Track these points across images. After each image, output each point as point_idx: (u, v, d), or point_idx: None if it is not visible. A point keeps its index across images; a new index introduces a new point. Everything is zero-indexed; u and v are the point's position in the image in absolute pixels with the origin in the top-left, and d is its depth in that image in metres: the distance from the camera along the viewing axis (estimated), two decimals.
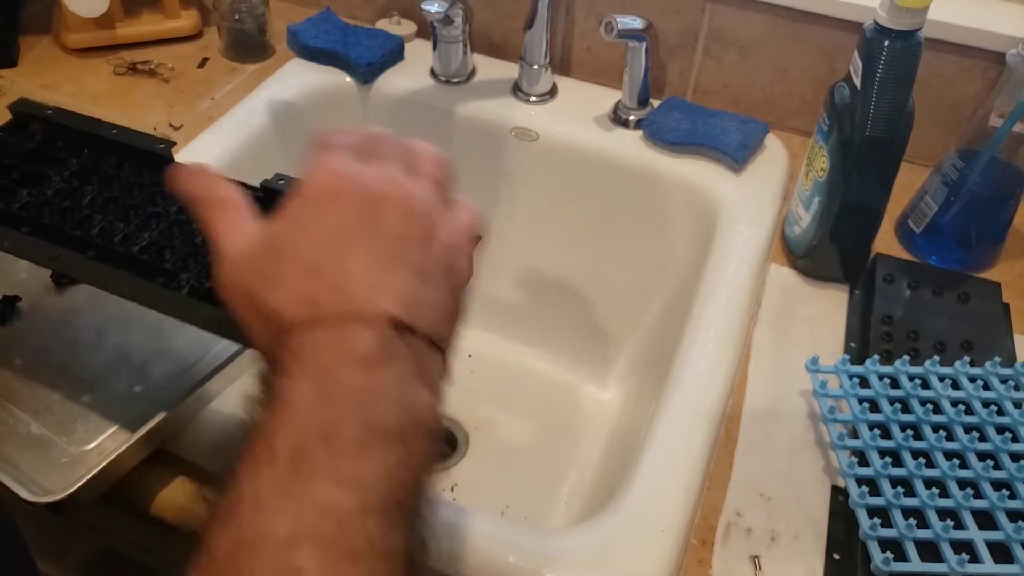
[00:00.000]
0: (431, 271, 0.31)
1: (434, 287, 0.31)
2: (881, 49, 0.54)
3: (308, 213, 0.31)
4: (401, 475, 0.27)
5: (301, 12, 0.89)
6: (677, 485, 0.49)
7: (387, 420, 0.28)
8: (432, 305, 0.31)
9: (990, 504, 0.47)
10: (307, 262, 0.30)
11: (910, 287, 0.62)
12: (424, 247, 0.31)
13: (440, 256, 0.32)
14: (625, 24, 0.70)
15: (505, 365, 0.87)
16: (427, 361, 0.30)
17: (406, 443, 0.28)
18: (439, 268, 0.32)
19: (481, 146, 0.80)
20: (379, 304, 0.29)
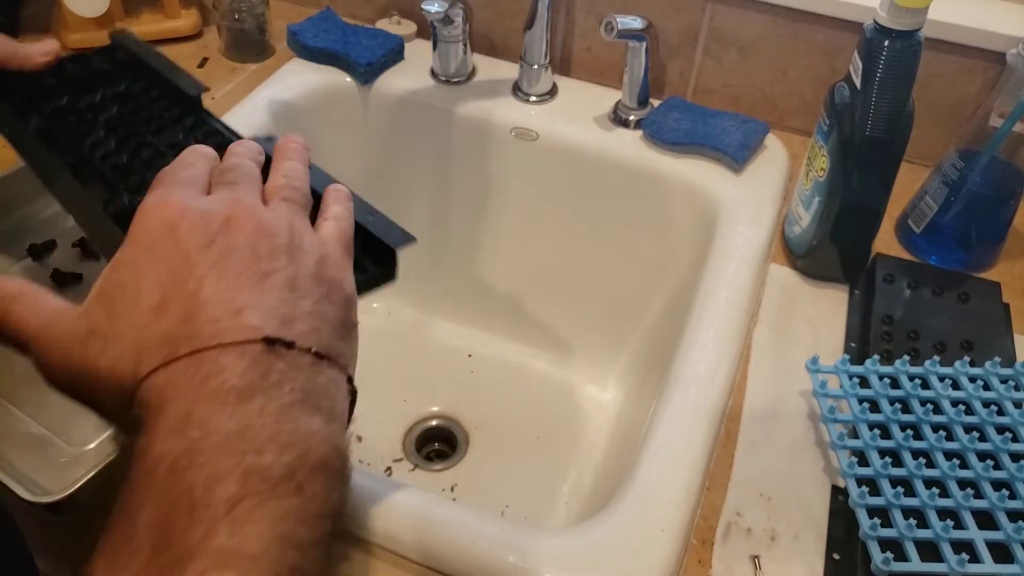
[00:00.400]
0: (301, 282, 0.29)
1: (310, 297, 0.29)
2: (881, 49, 0.54)
3: (144, 253, 0.28)
4: (298, 533, 0.24)
5: (301, 12, 0.90)
6: (677, 485, 0.49)
7: (270, 464, 0.24)
8: (311, 315, 0.28)
9: (990, 504, 0.47)
10: (152, 302, 0.27)
11: (910, 287, 0.62)
12: (287, 259, 0.29)
13: (309, 266, 0.30)
14: (625, 24, 0.70)
15: (505, 365, 0.87)
16: (317, 379, 0.27)
17: (300, 490, 0.24)
18: (310, 279, 0.30)
19: (481, 146, 0.80)
20: (245, 322, 0.26)
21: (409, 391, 0.84)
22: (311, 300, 0.29)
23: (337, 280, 0.31)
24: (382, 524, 0.47)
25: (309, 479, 0.25)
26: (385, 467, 0.77)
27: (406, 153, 0.85)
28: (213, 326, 0.26)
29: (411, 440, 0.80)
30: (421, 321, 0.92)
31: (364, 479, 0.50)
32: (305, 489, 0.24)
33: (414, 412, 0.82)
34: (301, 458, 0.25)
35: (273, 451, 0.24)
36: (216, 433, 0.24)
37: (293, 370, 0.26)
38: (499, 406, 0.83)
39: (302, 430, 0.25)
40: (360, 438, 0.79)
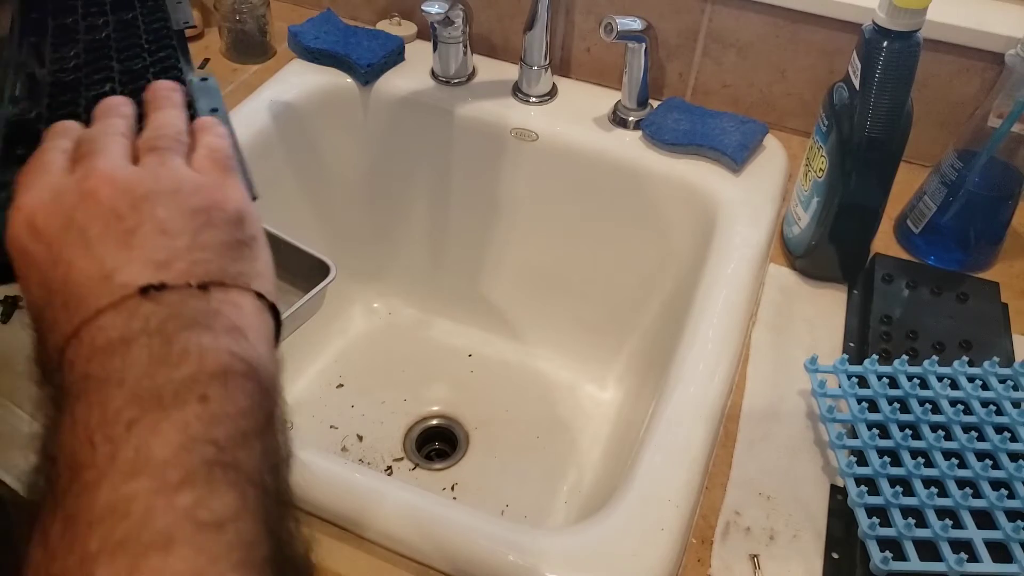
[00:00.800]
0: (172, 223, 0.29)
1: (186, 234, 0.29)
2: (880, 50, 0.54)
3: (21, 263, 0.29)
4: (211, 433, 0.24)
5: (302, 13, 0.90)
6: (676, 484, 0.49)
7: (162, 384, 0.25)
8: (189, 251, 0.28)
9: (989, 503, 0.47)
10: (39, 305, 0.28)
11: (909, 287, 0.62)
12: (152, 206, 0.29)
13: (181, 204, 0.30)
14: (624, 25, 0.70)
15: (505, 365, 0.87)
16: (208, 306, 0.27)
17: (204, 399, 0.25)
18: (184, 215, 0.29)
19: (481, 147, 0.81)
20: (116, 283, 0.27)
21: (409, 391, 0.84)
22: (187, 236, 0.29)
23: (217, 203, 0.31)
24: (382, 524, 0.48)
25: (211, 386, 0.25)
26: (385, 466, 0.77)
27: (406, 154, 0.85)
28: (88, 299, 0.27)
29: (411, 439, 0.80)
30: (421, 321, 0.92)
31: (364, 479, 0.51)
32: (210, 396, 0.25)
33: (414, 411, 0.82)
34: (196, 371, 0.25)
35: (163, 372, 0.25)
36: (107, 379, 0.25)
37: (175, 306, 0.27)
38: (499, 406, 0.83)
39: (193, 347, 0.26)
40: (361, 437, 0.80)
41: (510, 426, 0.81)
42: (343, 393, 0.83)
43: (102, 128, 0.33)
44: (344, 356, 0.87)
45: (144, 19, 0.49)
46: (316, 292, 0.50)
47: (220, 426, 0.25)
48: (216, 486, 0.24)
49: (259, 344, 0.28)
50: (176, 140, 0.33)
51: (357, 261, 0.88)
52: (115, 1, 0.50)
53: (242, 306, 0.29)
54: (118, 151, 0.32)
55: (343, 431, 0.80)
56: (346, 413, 0.82)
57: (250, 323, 0.28)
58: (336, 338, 0.88)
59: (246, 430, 0.26)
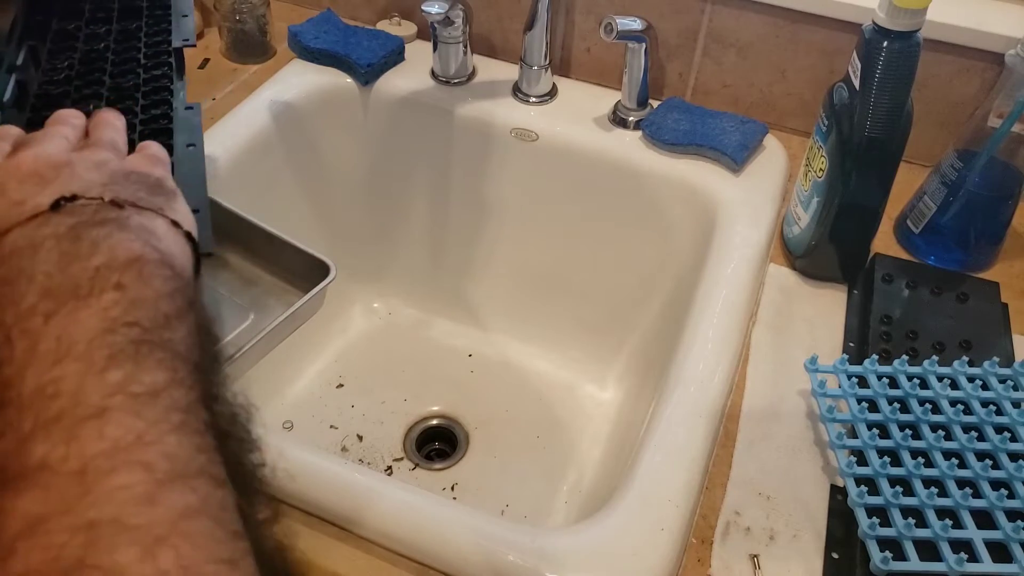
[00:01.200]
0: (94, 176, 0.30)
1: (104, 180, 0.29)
2: (880, 50, 0.54)
3: None
4: (132, 314, 0.25)
5: (302, 13, 0.90)
6: (676, 484, 0.49)
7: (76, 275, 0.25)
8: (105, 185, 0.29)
9: (989, 503, 0.47)
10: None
11: (909, 287, 0.62)
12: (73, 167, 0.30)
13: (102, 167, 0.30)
14: (624, 25, 0.70)
15: (505, 365, 0.87)
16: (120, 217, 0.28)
17: (120, 286, 0.25)
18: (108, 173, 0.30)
19: (481, 147, 0.81)
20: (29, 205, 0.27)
21: (409, 391, 0.84)
22: (105, 178, 0.29)
23: (141, 173, 0.31)
24: (382, 524, 0.48)
25: (125, 274, 0.25)
26: (385, 466, 0.77)
27: (406, 154, 0.85)
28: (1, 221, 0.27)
29: (411, 439, 0.80)
30: (421, 321, 0.92)
31: (364, 478, 0.51)
32: (125, 283, 0.25)
33: (414, 412, 0.82)
34: (109, 260, 0.25)
35: (75, 265, 0.25)
36: (16, 279, 0.25)
37: (87, 214, 0.27)
38: (499, 406, 0.83)
39: (103, 241, 0.26)
40: (361, 437, 0.80)
41: (510, 426, 0.81)
42: (343, 393, 0.84)
43: (45, 130, 0.33)
44: (344, 356, 0.87)
45: (147, 31, 0.48)
46: (316, 292, 0.50)
47: (140, 309, 0.25)
48: (144, 362, 0.24)
49: (172, 248, 0.28)
50: (111, 145, 0.33)
51: (357, 261, 0.88)
52: (123, 8, 0.49)
53: (156, 225, 0.29)
54: (54, 143, 0.32)
55: (343, 431, 0.80)
56: (346, 413, 0.82)
57: (162, 233, 0.28)
58: (336, 338, 0.88)
59: (168, 312, 0.26)
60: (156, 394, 0.23)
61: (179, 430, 0.23)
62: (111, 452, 0.22)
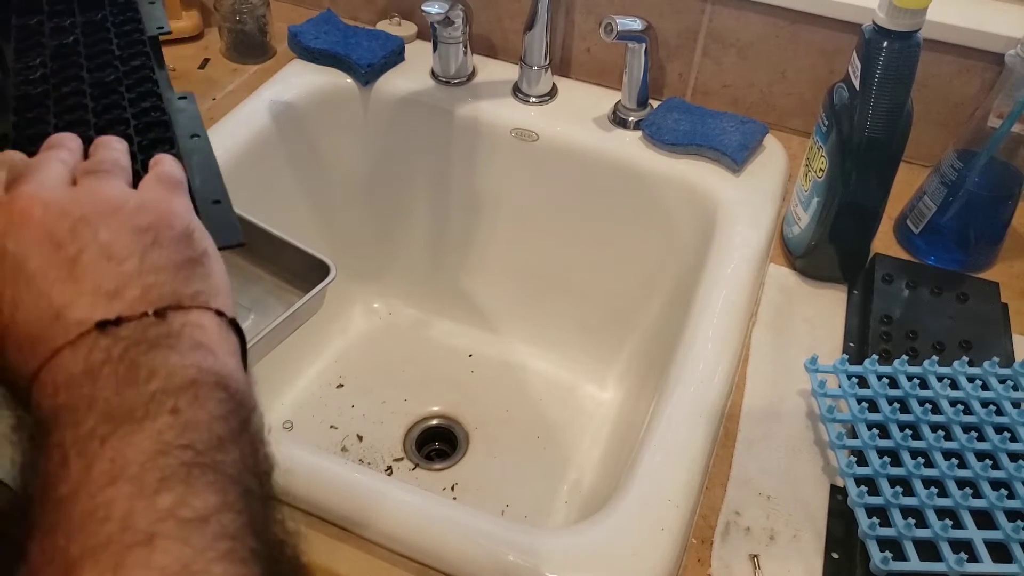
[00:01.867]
0: (118, 246, 0.28)
1: (134, 256, 0.28)
2: (880, 50, 0.54)
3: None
4: (185, 438, 0.24)
5: (302, 13, 0.90)
6: (676, 484, 0.49)
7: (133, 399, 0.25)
8: (139, 275, 0.27)
9: (989, 503, 0.47)
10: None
11: (909, 287, 0.62)
12: (94, 230, 0.28)
13: (124, 224, 0.28)
14: (624, 25, 0.70)
15: (505, 365, 0.87)
16: (170, 329, 0.27)
17: (175, 410, 0.25)
18: (129, 235, 0.28)
19: (481, 147, 0.81)
20: (68, 321, 0.26)
21: (409, 391, 0.84)
22: (136, 259, 0.28)
23: (163, 220, 0.29)
24: (382, 524, 0.48)
25: (181, 398, 0.25)
26: (386, 467, 0.77)
27: (406, 154, 0.85)
28: (43, 341, 0.26)
29: (411, 440, 0.80)
30: (421, 321, 0.92)
31: (364, 479, 0.51)
32: (180, 408, 0.25)
33: (414, 412, 0.82)
34: (165, 386, 0.25)
35: (132, 391, 0.25)
36: (77, 406, 0.25)
37: (135, 336, 0.26)
38: (499, 406, 0.83)
39: (159, 367, 0.26)
40: (361, 437, 0.80)
41: (510, 426, 0.81)
42: (343, 393, 0.84)
43: (41, 156, 0.32)
44: (344, 356, 0.87)
45: (114, 20, 0.46)
46: (316, 292, 0.50)
47: (194, 432, 0.25)
48: (195, 486, 0.24)
49: (227, 359, 0.28)
50: (116, 165, 0.32)
51: (357, 261, 0.88)
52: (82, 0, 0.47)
53: (204, 326, 0.28)
54: (53, 175, 0.30)
55: (343, 431, 0.80)
56: (346, 413, 0.82)
57: (214, 340, 0.28)
58: (336, 338, 0.88)
59: (221, 435, 0.25)
60: (205, 520, 0.23)
61: (225, 558, 0.23)
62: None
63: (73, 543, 0.22)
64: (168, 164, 0.34)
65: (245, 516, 0.24)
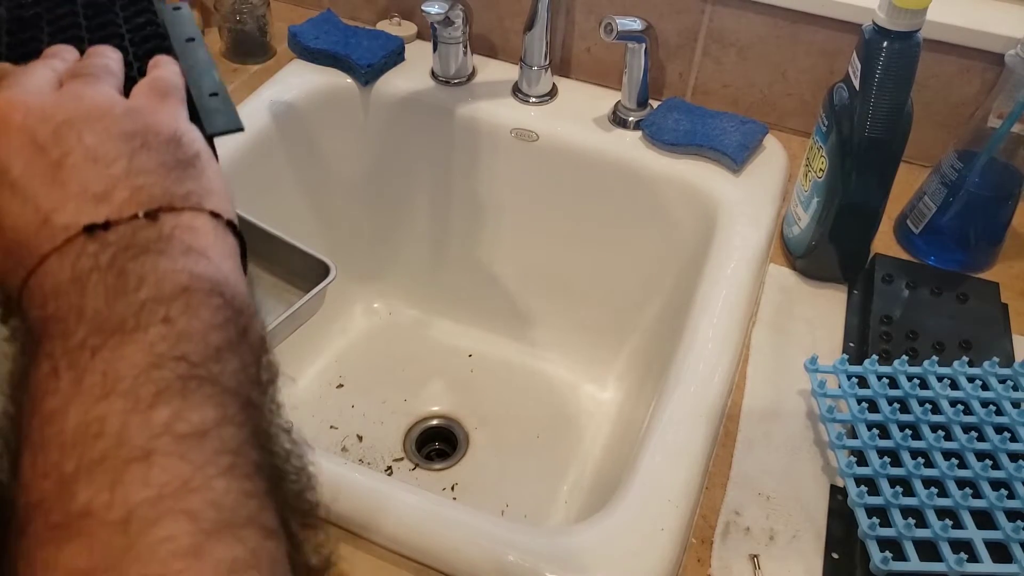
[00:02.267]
0: (104, 148, 0.27)
1: (121, 159, 0.27)
2: (880, 50, 0.54)
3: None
4: (180, 349, 0.23)
5: (302, 13, 0.90)
6: (676, 484, 0.49)
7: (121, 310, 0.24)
8: (127, 177, 0.26)
9: (989, 504, 0.47)
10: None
11: (909, 287, 0.62)
12: (78, 132, 0.27)
13: (111, 127, 0.28)
14: (624, 25, 0.70)
15: (505, 365, 0.87)
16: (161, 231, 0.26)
17: (167, 319, 0.24)
18: (115, 139, 0.27)
19: (481, 147, 0.81)
20: (55, 226, 0.25)
21: (409, 391, 0.84)
22: (124, 161, 0.27)
23: (152, 125, 0.28)
24: (382, 524, 0.48)
25: (172, 307, 0.24)
26: (386, 466, 0.77)
27: (406, 154, 0.85)
28: (30, 247, 0.25)
29: (411, 439, 0.80)
30: (421, 321, 0.92)
31: (364, 479, 0.51)
32: (172, 317, 0.24)
33: (414, 412, 0.82)
34: (155, 294, 0.24)
35: (121, 300, 0.24)
36: (66, 316, 0.24)
37: (124, 239, 0.25)
38: (499, 406, 0.83)
39: (148, 274, 0.25)
40: (361, 437, 0.80)
41: (510, 426, 0.81)
42: (343, 393, 0.84)
43: (31, 64, 0.31)
44: (344, 356, 0.87)
45: None
46: (316, 292, 0.50)
47: (188, 343, 0.24)
48: (192, 399, 0.23)
49: (222, 262, 0.27)
50: (104, 69, 0.31)
51: (357, 261, 0.89)
52: None
53: (197, 228, 0.27)
54: (38, 79, 0.29)
55: (343, 431, 0.80)
56: (346, 413, 0.82)
57: (208, 243, 0.27)
58: (336, 338, 0.88)
59: (218, 345, 0.24)
60: (204, 434, 0.22)
61: (227, 474, 0.22)
62: (156, 500, 0.21)
63: (67, 459, 0.22)
64: (165, 67, 0.33)
65: (247, 429, 0.24)
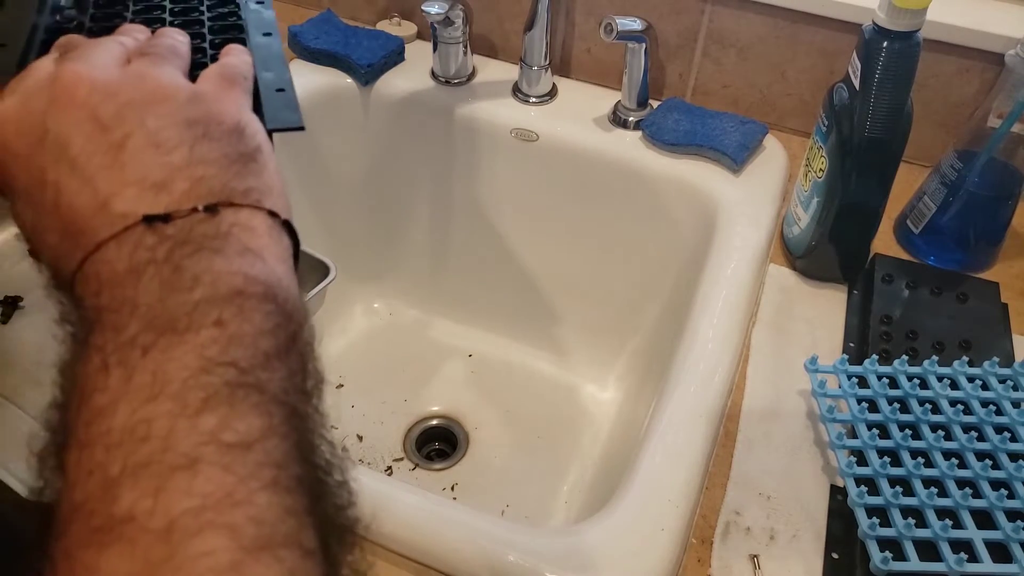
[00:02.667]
0: (166, 134, 0.26)
1: (183, 147, 0.26)
2: (880, 50, 0.54)
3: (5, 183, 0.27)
4: (230, 354, 0.23)
5: (302, 13, 0.90)
6: (676, 484, 0.49)
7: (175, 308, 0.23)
8: (188, 167, 0.26)
9: (989, 503, 0.47)
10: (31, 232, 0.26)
11: (908, 287, 0.62)
12: (140, 115, 0.26)
13: (174, 113, 0.27)
14: (624, 25, 0.70)
15: (505, 365, 0.87)
16: (218, 229, 0.25)
17: (220, 322, 0.24)
18: (178, 126, 0.27)
19: (481, 147, 0.81)
20: (113, 212, 0.25)
21: (409, 391, 0.84)
22: (185, 149, 0.26)
23: (215, 114, 0.28)
24: (382, 524, 0.48)
25: (226, 310, 0.24)
26: (386, 466, 0.77)
27: (407, 154, 0.85)
28: (87, 231, 0.25)
29: (411, 439, 0.80)
30: (421, 321, 0.92)
31: (364, 479, 0.50)
32: (225, 320, 0.24)
33: (415, 412, 0.82)
34: (210, 294, 0.24)
35: (175, 298, 0.24)
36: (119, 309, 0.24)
37: (183, 233, 0.25)
38: (499, 406, 0.83)
39: (204, 273, 0.24)
40: (361, 437, 0.80)
41: (510, 426, 0.81)
42: (343, 393, 0.84)
43: (101, 39, 0.30)
44: (344, 356, 0.87)
45: None
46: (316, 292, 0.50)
47: (239, 348, 0.23)
48: (239, 407, 0.22)
49: (276, 266, 0.26)
50: (171, 50, 0.30)
51: (357, 261, 0.89)
52: None
53: (254, 228, 0.26)
54: (106, 54, 0.28)
55: (343, 431, 0.80)
56: (346, 413, 0.82)
57: (264, 244, 0.26)
58: (336, 338, 0.88)
59: (267, 351, 0.24)
60: (249, 445, 0.22)
61: (270, 488, 0.22)
62: (198, 511, 0.21)
63: (112, 459, 0.21)
64: (236, 54, 0.32)
65: (291, 440, 0.23)
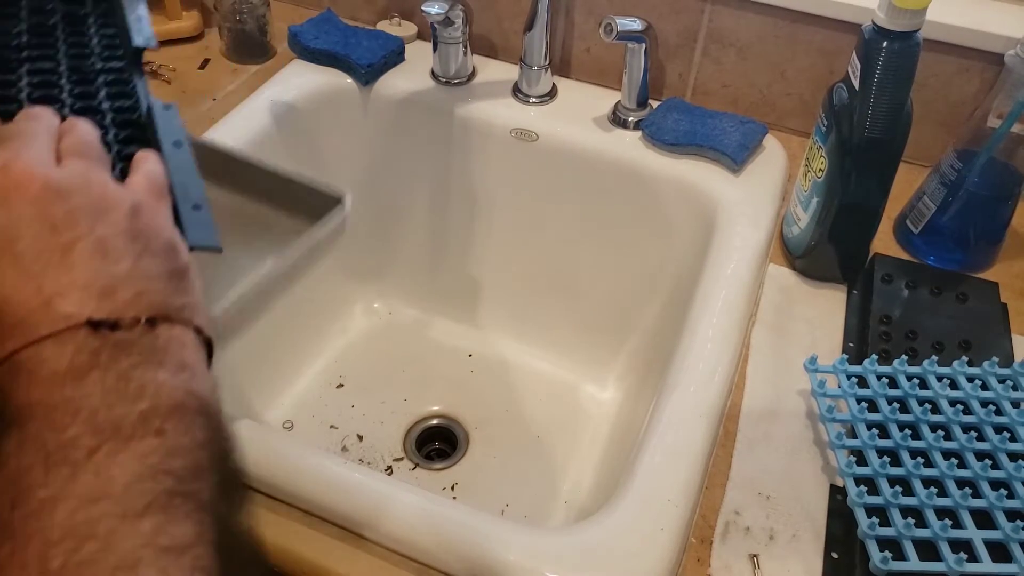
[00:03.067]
0: (113, 243, 0.27)
1: (127, 258, 0.27)
2: (879, 50, 0.54)
3: None
4: (168, 464, 0.24)
5: (302, 13, 0.90)
6: (676, 484, 0.49)
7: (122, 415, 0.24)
8: (131, 279, 0.27)
9: (988, 503, 0.47)
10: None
11: (908, 287, 0.62)
12: (90, 221, 0.27)
13: (119, 223, 0.27)
14: (624, 25, 0.70)
15: (505, 365, 0.87)
16: (156, 343, 0.26)
17: (161, 432, 0.25)
18: (123, 236, 0.27)
19: (481, 147, 0.81)
20: (58, 311, 0.25)
21: (409, 391, 0.84)
22: (129, 260, 0.27)
23: (154, 229, 0.29)
24: (382, 524, 0.48)
25: (168, 421, 0.25)
26: (386, 466, 0.78)
27: (406, 154, 0.85)
28: (25, 325, 0.25)
29: (411, 439, 0.80)
30: (421, 321, 0.92)
31: (364, 479, 0.51)
32: (166, 430, 0.25)
33: (414, 411, 0.82)
34: (153, 406, 0.25)
35: (120, 406, 0.25)
36: (58, 407, 0.24)
37: (125, 342, 0.25)
38: (499, 406, 0.83)
39: (149, 384, 0.25)
40: (361, 437, 0.80)
41: (510, 426, 0.81)
42: (343, 393, 0.84)
43: (24, 126, 0.30)
44: (344, 356, 0.87)
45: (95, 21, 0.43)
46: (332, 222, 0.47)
47: (177, 458, 0.25)
48: (175, 514, 0.24)
49: (204, 381, 0.28)
50: (100, 152, 0.31)
51: (357, 261, 0.89)
52: None
53: (186, 344, 0.28)
54: (41, 148, 0.29)
55: (343, 431, 0.80)
56: (346, 413, 0.82)
57: (195, 360, 0.28)
58: (336, 338, 0.88)
59: (201, 463, 0.26)
60: (182, 551, 0.24)
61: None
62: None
63: (52, 555, 0.22)
64: (154, 164, 0.33)
65: (214, 544, 0.25)
